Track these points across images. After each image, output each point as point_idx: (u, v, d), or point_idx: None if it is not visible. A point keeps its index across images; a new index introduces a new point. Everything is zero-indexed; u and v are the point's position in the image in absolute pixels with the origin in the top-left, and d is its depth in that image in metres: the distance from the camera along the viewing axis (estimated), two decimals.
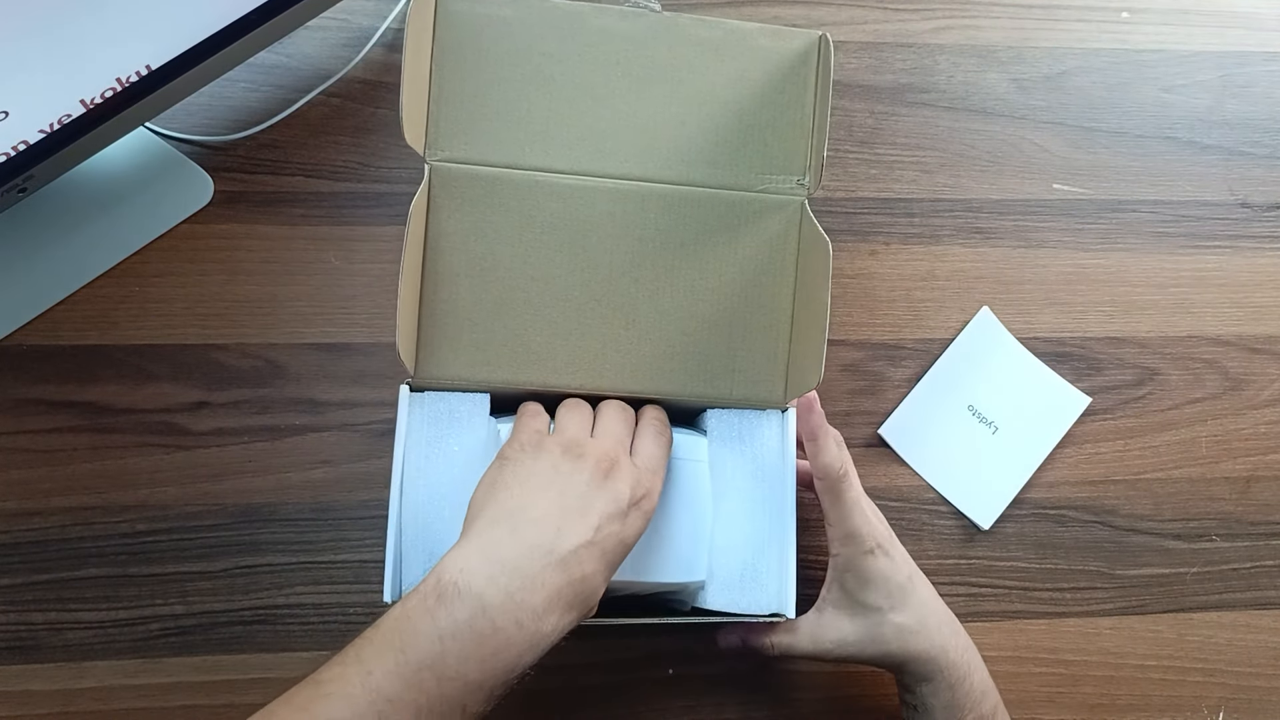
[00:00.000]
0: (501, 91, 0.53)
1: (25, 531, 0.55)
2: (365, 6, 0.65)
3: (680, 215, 0.54)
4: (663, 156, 0.54)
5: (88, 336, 0.58)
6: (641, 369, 0.53)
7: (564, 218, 0.53)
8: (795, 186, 0.54)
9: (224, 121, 0.62)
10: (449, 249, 0.52)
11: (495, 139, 0.52)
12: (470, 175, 0.52)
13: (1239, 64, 0.73)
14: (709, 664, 0.58)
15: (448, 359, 0.52)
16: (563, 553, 0.41)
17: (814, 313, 0.51)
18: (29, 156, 0.50)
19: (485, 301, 0.52)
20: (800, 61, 0.54)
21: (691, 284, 0.54)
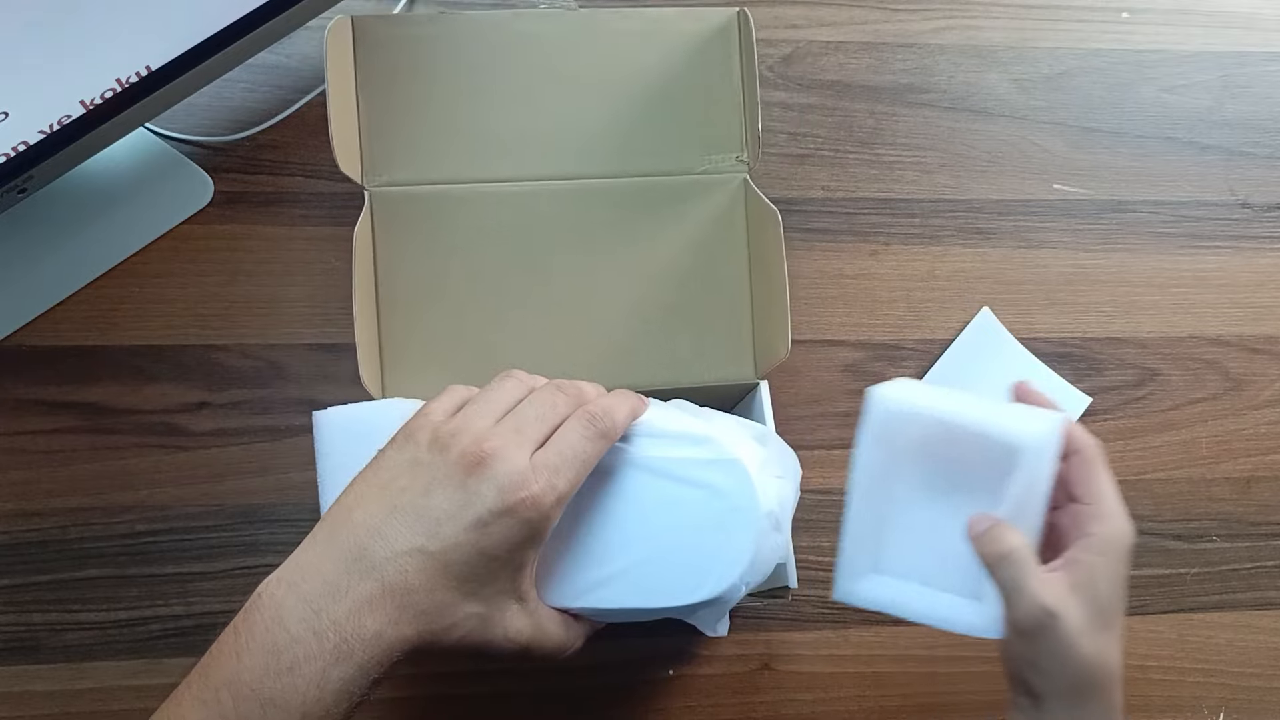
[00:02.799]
0: (432, 109, 0.53)
1: (25, 532, 0.55)
2: (365, 7, 0.65)
3: (625, 207, 0.54)
4: (600, 152, 0.54)
5: (88, 337, 0.58)
6: (609, 364, 0.52)
7: (511, 225, 0.53)
8: (735, 164, 0.54)
9: (224, 122, 0.62)
10: (400, 272, 0.52)
11: (432, 156, 0.52)
12: (412, 196, 0.52)
13: (1239, 64, 0.73)
14: (709, 664, 0.58)
15: (415, 381, 0.51)
16: (377, 559, 0.36)
17: (773, 284, 0.51)
18: (29, 157, 0.50)
19: (444, 318, 0.52)
20: (723, 39, 0.54)
21: (646, 273, 0.53)
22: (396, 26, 0.53)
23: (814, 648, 0.58)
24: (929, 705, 0.58)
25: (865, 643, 0.59)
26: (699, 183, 0.54)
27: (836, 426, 0.62)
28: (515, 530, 0.37)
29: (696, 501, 0.41)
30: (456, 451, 0.38)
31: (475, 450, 0.37)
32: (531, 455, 0.38)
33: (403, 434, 0.40)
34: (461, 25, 0.53)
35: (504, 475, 0.37)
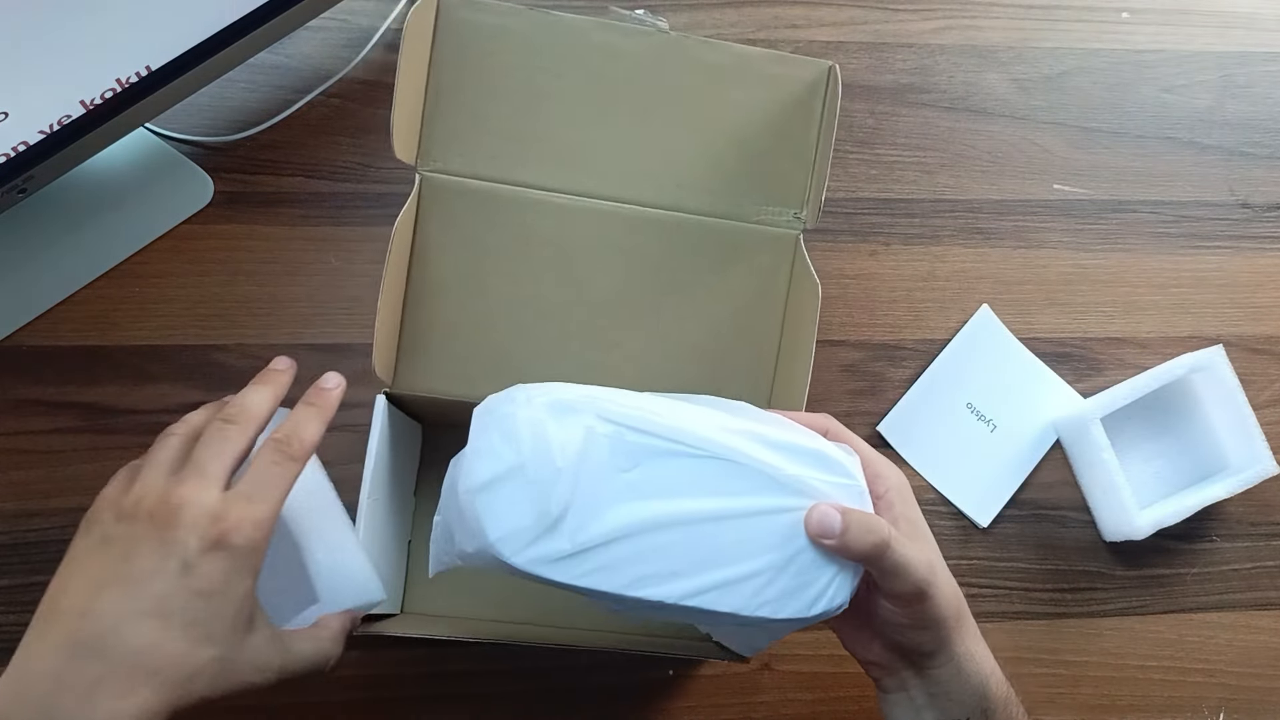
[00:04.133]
0: (499, 104, 0.52)
1: (25, 532, 0.55)
2: (365, 7, 0.65)
3: (673, 243, 0.52)
4: (659, 181, 0.52)
5: (88, 337, 0.58)
6: None
7: (555, 238, 0.52)
8: (792, 220, 0.53)
9: (224, 122, 0.62)
10: (436, 261, 0.51)
11: (490, 152, 0.52)
12: (462, 188, 0.52)
13: (1239, 64, 0.73)
14: (709, 664, 0.58)
15: (427, 371, 0.51)
16: (93, 636, 0.35)
17: (799, 351, 0.50)
18: (29, 157, 0.50)
19: (469, 316, 0.52)
20: (808, 93, 0.53)
21: (680, 313, 0.53)
22: (482, 13, 0.51)
23: (814, 648, 0.58)
24: None
25: None
26: (751, 232, 0.53)
27: None
28: (223, 563, 0.37)
29: None
30: (144, 514, 0.37)
31: (163, 506, 0.37)
32: (219, 492, 0.38)
33: (85, 523, 0.39)
34: (547, 24, 0.52)
35: (199, 517, 0.37)
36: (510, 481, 0.38)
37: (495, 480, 0.38)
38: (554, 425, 0.38)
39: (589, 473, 0.38)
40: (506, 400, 0.40)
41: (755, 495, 0.39)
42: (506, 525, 0.38)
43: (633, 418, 0.39)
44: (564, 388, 0.40)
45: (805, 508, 0.39)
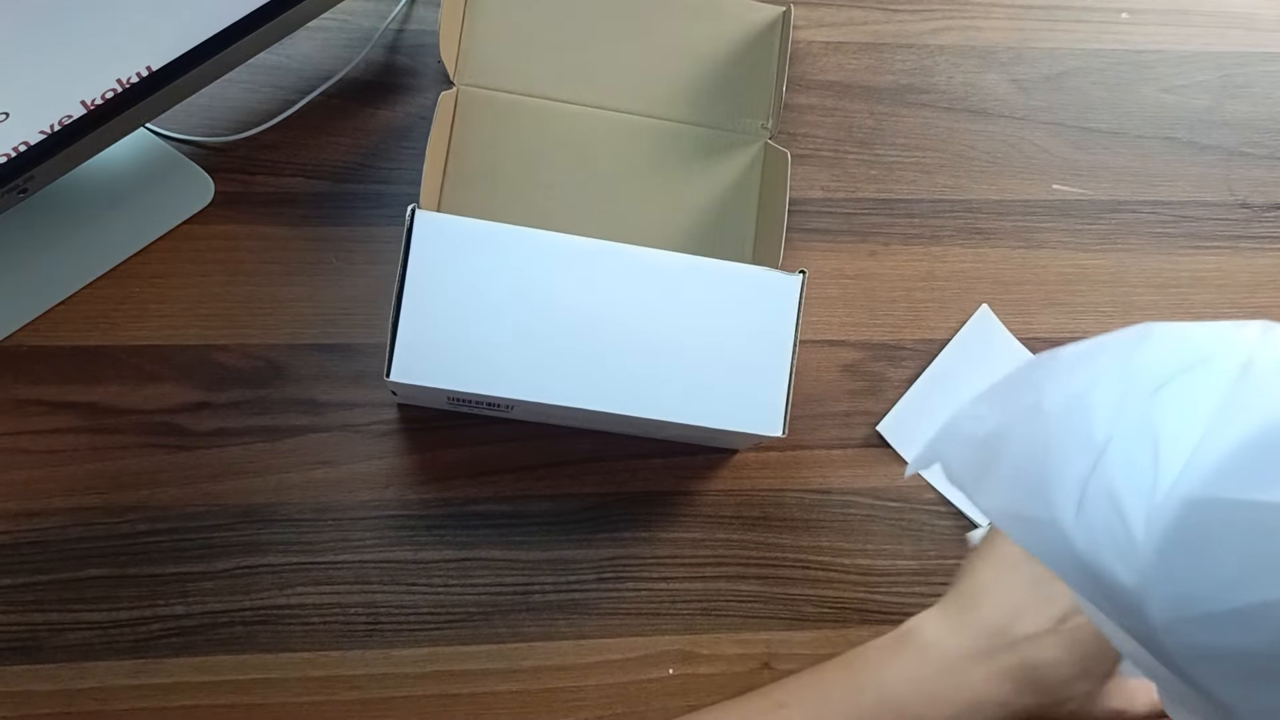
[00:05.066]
0: (524, 29, 0.63)
1: (26, 532, 0.55)
2: (365, 7, 0.65)
3: (665, 144, 0.64)
4: (652, 95, 0.64)
5: (89, 337, 0.58)
6: None
7: (569, 139, 0.62)
8: (759, 129, 0.64)
9: (224, 122, 0.62)
10: (466, 155, 0.61)
11: (515, 69, 0.63)
12: (493, 98, 0.62)
13: (1239, 64, 0.73)
14: (709, 664, 0.58)
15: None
16: (1017, 636, 0.41)
17: (774, 210, 0.59)
18: (29, 157, 0.50)
19: (494, 202, 0.61)
20: (768, 29, 0.65)
21: (673, 199, 0.63)
22: None
23: (814, 647, 0.59)
24: None
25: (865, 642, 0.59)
26: (728, 135, 0.64)
27: (836, 426, 0.62)
28: None
29: None
30: None
31: None
32: None
33: None
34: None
35: None
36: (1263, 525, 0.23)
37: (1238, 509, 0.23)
38: None
39: None
40: None
41: None
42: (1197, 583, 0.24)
43: None
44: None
45: None
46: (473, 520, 0.59)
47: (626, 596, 0.57)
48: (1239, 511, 0.23)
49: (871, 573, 0.60)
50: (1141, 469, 0.23)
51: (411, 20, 0.65)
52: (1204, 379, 0.24)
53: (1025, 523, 0.26)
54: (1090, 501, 0.24)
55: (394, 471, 0.58)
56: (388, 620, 0.57)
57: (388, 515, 0.58)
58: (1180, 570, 0.24)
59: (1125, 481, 0.24)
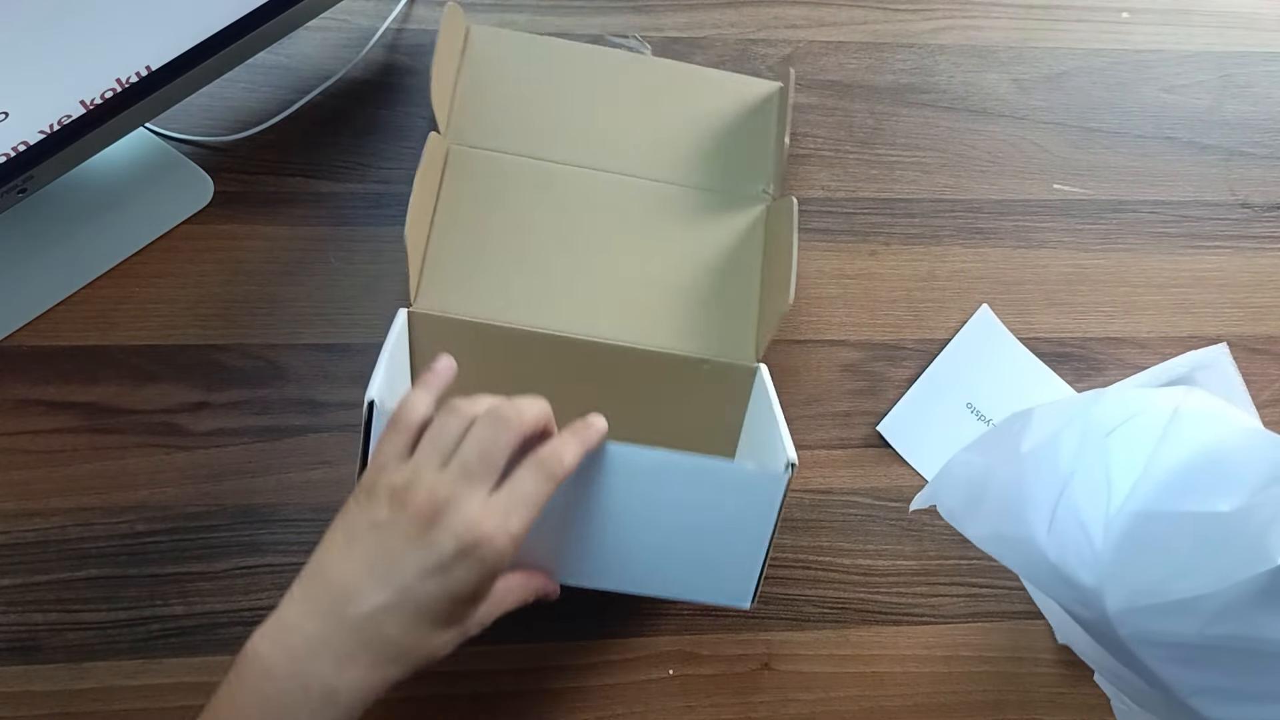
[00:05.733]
0: (520, 92, 0.61)
1: (25, 532, 0.55)
2: (365, 7, 0.65)
3: (666, 205, 0.61)
4: (653, 161, 0.62)
5: (88, 337, 0.58)
6: (626, 321, 0.57)
7: (568, 196, 0.60)
8: (761, 193, 0.62)
9: (224, 122, 0.62)
10: (456, 209, 0.58)
11: (510, 134, 0.61)
12: (485, 156, 0.60)
13: (1239, 64, 0.73)
14: (709, 664, 0.58)
15: (443, 296, 0.56)
16: (354, 617, 0.40)
17: (780, 259, 0.57)
18: (29, 157, 0.50)
19: (486, 253, 0.58)
20: (765, 102, 0.64)
21: (675, 259, 0.60)
22: (502, 42, 0.63)
23: (814, 648, 0.58)
24: (929, 705, 0.58)
25: (865, 643, 0.59)
26: (730, 197, 0.62)
27: (836, 426, 0.62)
28: (475, 570, 0.40)
29: None
30: (412, 508, 0.41)
31: (429, 503, 0.40)
32: (483, 497, 0.41)
33: (364, 491, 0.43)
34: (557, 47, 0.64)
35: (459, 524, 0.40)
36: (1202, 532, 0.31)
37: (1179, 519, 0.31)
38: None
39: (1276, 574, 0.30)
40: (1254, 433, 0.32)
41: None
42: (1145, 577, 0.31)
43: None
44: None
45: None
46: None
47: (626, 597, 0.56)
48: (1175, 520, 0.30)
49: (872, 573, 0.60)
50: (1098, 492, 0.31)
51: (411, 20, 0.65)
52: (1144, 423, 0.32)
53: (1008, 542, 0.32)
54: (1059, 521, 0.31)
55: None
56: None
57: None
58: (1130, 570, 0.30)
59: (1086, 503, 0.31)
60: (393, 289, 0.61)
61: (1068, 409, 0.34)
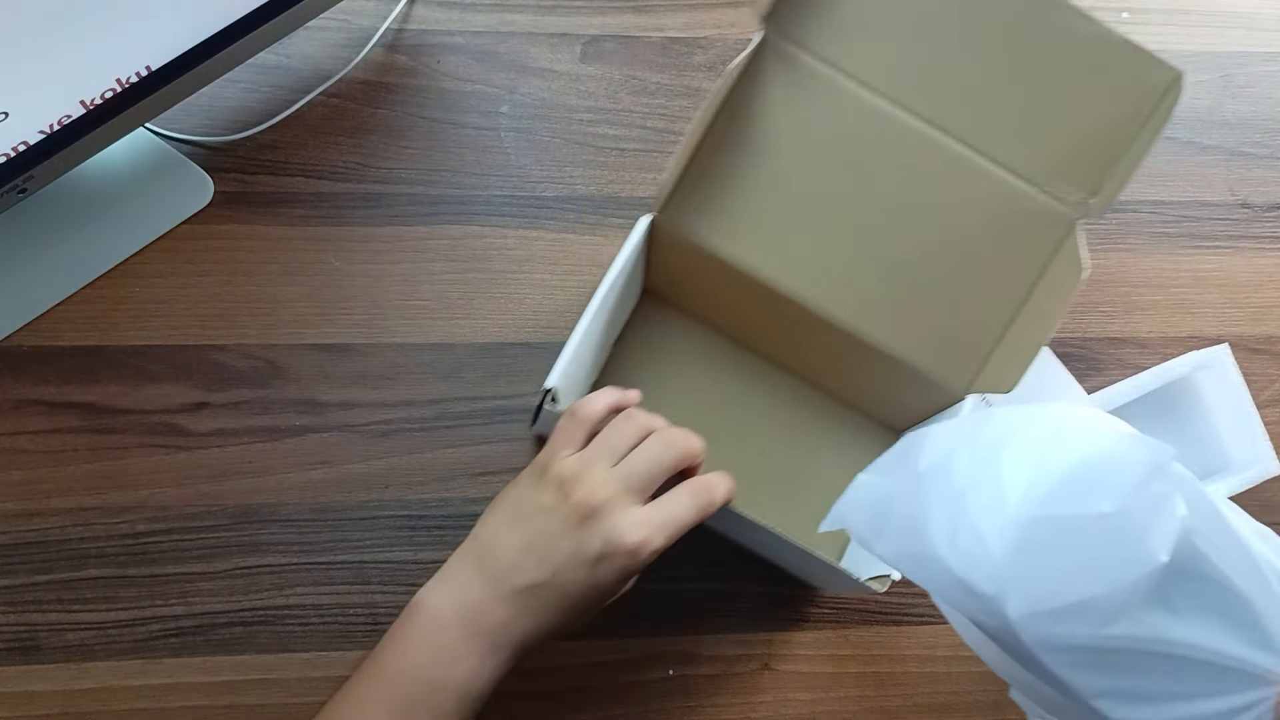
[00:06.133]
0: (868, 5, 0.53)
1: (25, 532, 0.55)
2: (365, 7, 0.65)
3: (961, 185, 0.53)
4: (976, 115, 0.53)
5: (88, 337, 0.58)
6: (860, 301, 0.54)
7: (862, 140, 0.53)
8: (1078, 202, 0.53)
9: (224, 122, 0.62)
10: (746, 117, 0.53)
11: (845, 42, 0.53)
12: (797, 59, 0.53)
13: (1239, 64, 0.73)
14: (709, 664, 0.58)
15: (694, 215, 0.54)
16: (515, 588, 0.45)
17: (1037, 324, 0.52)
18: (29, 157, 0.50)
19: (755, 179, 0.54)
20: (1146, 92, 0.53)
21: (940, 247, 0.54)
22: None
23: (814, 648, 0.58)
24: (929, 705, 0.58)
25: (865, 643, 0.59)
26: (1035, 200, 0.53)
27: None
28: (615, 574, 0.45)
29: None
30: (574, 501, 0.45)
31: (589, 501, 0.45)
32: (637, 508, 0.45)
33: (536, 471, 0.47)
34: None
35: (609, 528, 0.44)
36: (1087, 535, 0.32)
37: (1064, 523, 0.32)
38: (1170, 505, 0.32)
39: (1165, 569, 0.32)
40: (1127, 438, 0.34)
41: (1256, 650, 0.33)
42: (1043, 582, 0.32)
43: (1213, 513, 0.34)
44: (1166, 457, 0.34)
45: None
46: (472, 520, 0.58)
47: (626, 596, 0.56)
48: (1063, 524, 0.31)
49: None
50: (992, 504, 0.32)
51: (411, 20, 0.65)
52: (1031, 436, 0.33)
53: (914, 559, 0.33)
54: (959, 534, 0.32)
55: (394, 471, 0.58)
56: (387, 621, 0.56)
57: (387, 515, 0.58)
58: (1027, 575, 0.31)
59: (982, 515, 0.32)
60: (393, 289, 0.61)
61: (960, 428, 0.35)
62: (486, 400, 0.60)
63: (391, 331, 0.60)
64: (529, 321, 0.61)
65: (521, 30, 0.66)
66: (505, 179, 0.63)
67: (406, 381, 0.60)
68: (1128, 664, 0.33)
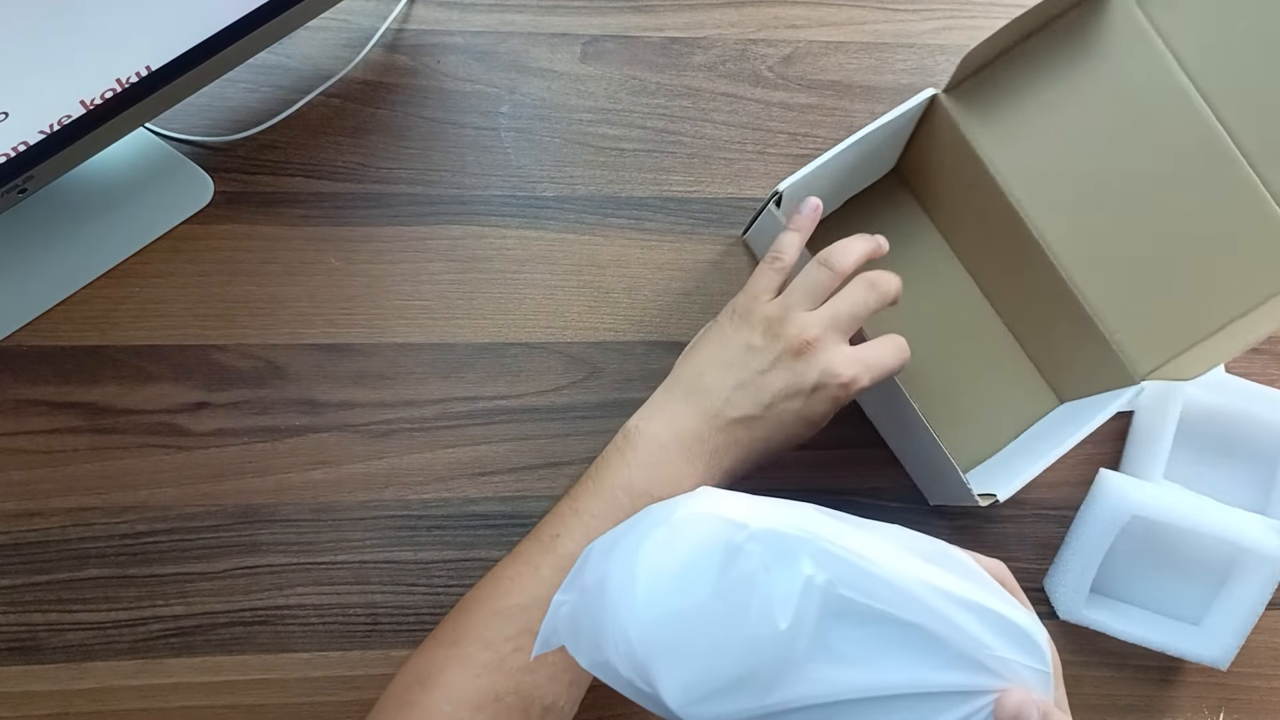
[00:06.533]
0: None
1: (25, 532, 0.55)
2: (365, 6, 0.65)
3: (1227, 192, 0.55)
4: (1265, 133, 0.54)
5: (88, 337, 0.58)
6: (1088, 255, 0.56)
7: (1155, 112, 0.55)
8: None
9: (224, 122, 0.62)
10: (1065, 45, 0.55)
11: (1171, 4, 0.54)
12: (1133, 15, 0.55)
13: None
14: None
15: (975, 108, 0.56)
16: (728, 419, 0.49)
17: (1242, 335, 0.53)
18: (29, 157, 0.50)
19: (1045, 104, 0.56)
20: None
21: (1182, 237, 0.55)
22: None
23: None
24: None
25: None
26: None
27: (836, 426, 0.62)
28: (828, 404, 0.50)
29: None
30: (785, 340, 0.50)
31: (801, 338, 0.50)
32: (845, 347, 0.51)
33: (739, 315, 0.52)
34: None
35: (825, 362, 0.49)
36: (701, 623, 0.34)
37: (680, 614, 0.34)
38: (776, 574, 0.34)
39: (799, 630, 0.33)
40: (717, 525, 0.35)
41: (951, 671, 0.35)
42: (686, 672, 0.33)
43: (845, 563, 0.35)
44: (779, 514, 0.36)
45: (997, 690, 0.35)
46: (473, 520, 0.59)
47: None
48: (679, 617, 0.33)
49: None
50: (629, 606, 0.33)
51: (411, 20, 0.65)
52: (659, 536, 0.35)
53: (601, 666, 0.34)
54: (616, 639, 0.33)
55: (394, 471, 0.58)
56: (387, 621, 0.57)
57: (387, 515, 0.58)
58: (669, 668, 0.33)
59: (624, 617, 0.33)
60: (393, 289, 0.61)
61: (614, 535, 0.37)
62: (486, 400, 0.60)
63: (391, 331, 0.60)
64: (529, 321, 0.61)
65: (521, 30, 0.66)
66: (505, 179, 0.63)
67: (406, 381, 0.60)
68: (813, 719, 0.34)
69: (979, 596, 0.36)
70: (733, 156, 0.66)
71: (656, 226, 0.64)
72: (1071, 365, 0.60)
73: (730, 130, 0.66)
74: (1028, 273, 0.58)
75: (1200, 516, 0.57)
